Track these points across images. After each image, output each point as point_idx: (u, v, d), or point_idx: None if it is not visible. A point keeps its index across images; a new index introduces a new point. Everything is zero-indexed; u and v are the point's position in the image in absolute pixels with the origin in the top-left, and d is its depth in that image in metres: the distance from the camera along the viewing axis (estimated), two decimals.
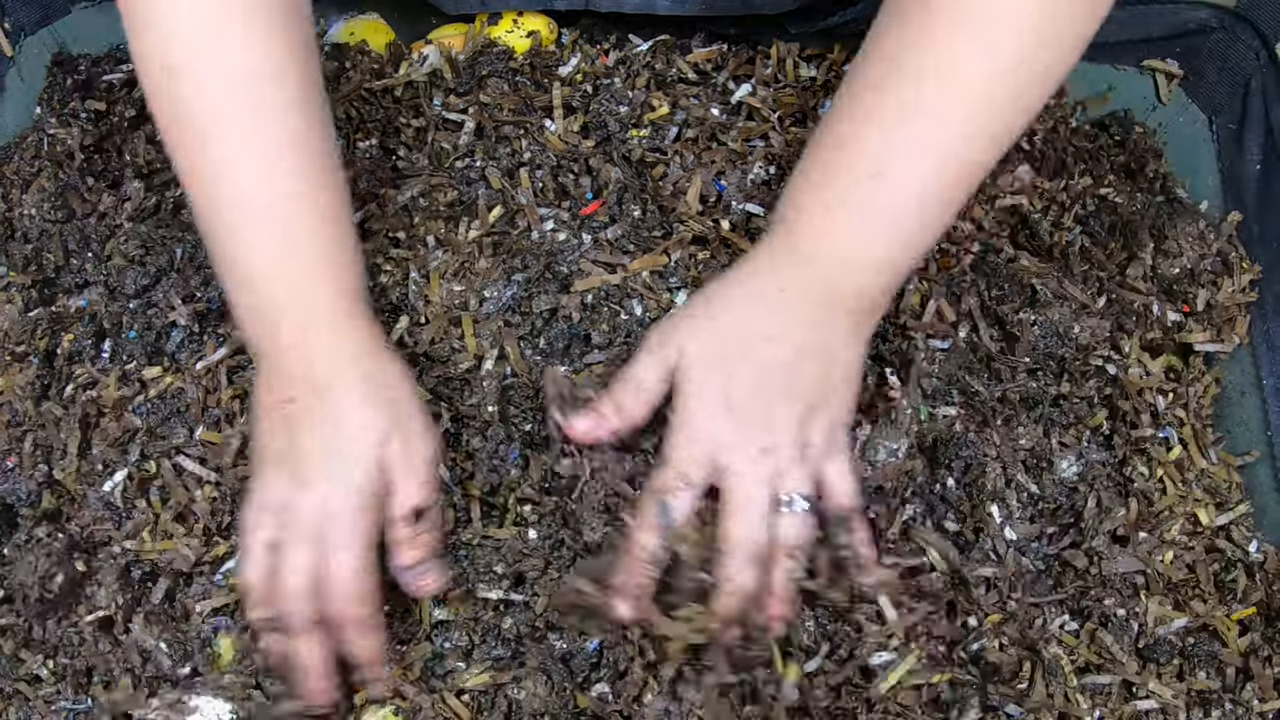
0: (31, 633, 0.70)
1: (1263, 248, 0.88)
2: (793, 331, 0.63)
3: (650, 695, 0.65)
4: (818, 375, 0.63)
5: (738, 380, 0.62)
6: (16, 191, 0.87)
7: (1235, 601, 0.74)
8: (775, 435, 0.62)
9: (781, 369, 0.63)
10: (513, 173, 0.83)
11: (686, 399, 0.63)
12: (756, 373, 0.62)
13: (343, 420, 0.62)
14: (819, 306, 0.64)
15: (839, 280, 0.64)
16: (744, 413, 0.62)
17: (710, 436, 0.62)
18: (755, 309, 0.64)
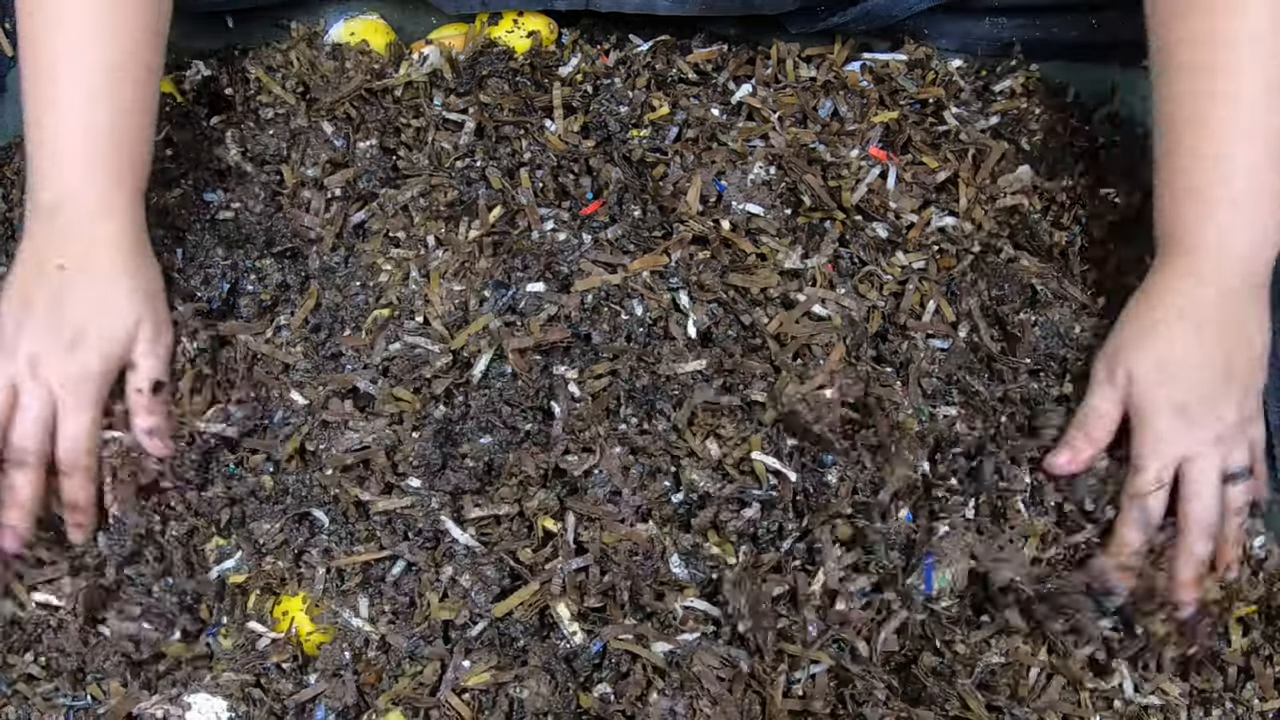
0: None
1: None
2: (1220, 333, 0.72)
3: (654, 695, 0.65)
4: (1244, 360, 0.72)
5: (1184, 388, 0.71)
6: (17, 192, 0.87)
7: (1237, 599, 0.74)
8: (1223, 424, 0.71)
9: (1218, 368, 0.71)
10: (513, 173, 0.83)
11: (1146, 415, 0.72)
12: (1198, 377, 0.71)
13: (109, 298, 0.72)
14: (1232, 302, 0.72)
15: (1240, 270, 0.72)
16: (1196, 413, 0.71)
17: (1173, 441, 0.71)
18: (1183, 324, 0.72)
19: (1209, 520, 0.72)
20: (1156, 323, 0.73)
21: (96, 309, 0.72)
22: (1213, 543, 0.72)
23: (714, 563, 0.69)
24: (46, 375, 0.71)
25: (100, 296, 0.72)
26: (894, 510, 0.72)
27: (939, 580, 0.70)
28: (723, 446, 0.72)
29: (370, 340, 0.76)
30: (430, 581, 0.69)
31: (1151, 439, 0.72)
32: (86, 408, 0.71)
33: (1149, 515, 0.72)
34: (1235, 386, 0.72)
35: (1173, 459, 0.72)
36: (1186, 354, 0.72)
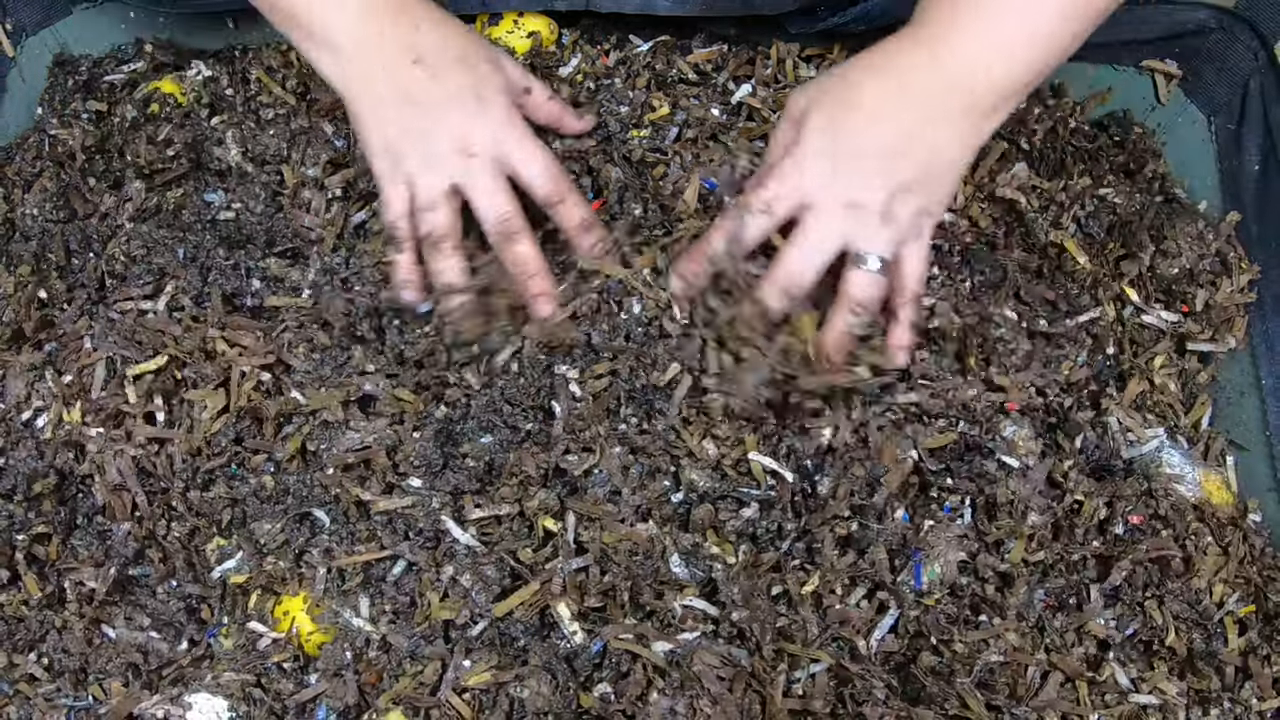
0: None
1: (1261, 248, 0.88)
2: (905, 116, 0.67)
3: (655, 695, 0.65)
4: (920, 162, 0.68)
5: (845, 138, 0.67)
6: (18, 192, 0.87)
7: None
8: (865, 195, 0.67)
9: (888, 146, 0.67)
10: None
11: (801, 139, 0.68)
12: (864, 139, 0.67)
13: (468, 51, 0.72)
14: (937, 101, 0.67)
15: (960, 78, 0.67)
16: (844, 165, 0.67)
17: (807, 176, 0.68)
18: (877, 90, 0.68)
19: (796, 280, 0.69)
20: (864, 68, 0.69)
21: (469, 68, 0.72)
22: (786, 302, 0.69)
23: (713, 562, 0.69)
24: (483, 142, 0.71)
25: (462, 55, 0.72)
26: (890, 511, 0.72)
27: (928, 574, 0.70)
28: (720, 447, 0.72)
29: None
30: (431, 581, 0.69)
31: (790, 162, 0.68)
32: (531, 141, 0.73)
33: (744, 231, 0.68)
34: (897, 178, 0.67)
35: (797, 195, 0.68)
36: (871, 110, 0.67)
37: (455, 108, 0.71)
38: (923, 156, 0.68)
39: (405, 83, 0.71)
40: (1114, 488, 0.76)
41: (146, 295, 0.81)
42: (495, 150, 0.72)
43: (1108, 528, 0.75)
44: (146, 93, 0.92)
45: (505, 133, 0.73)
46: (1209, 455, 0.82)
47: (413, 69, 0.71)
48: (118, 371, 0.77)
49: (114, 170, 0.88)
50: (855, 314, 0.70)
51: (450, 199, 0.72)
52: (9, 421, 0.78)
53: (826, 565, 0.70)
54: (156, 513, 0.74)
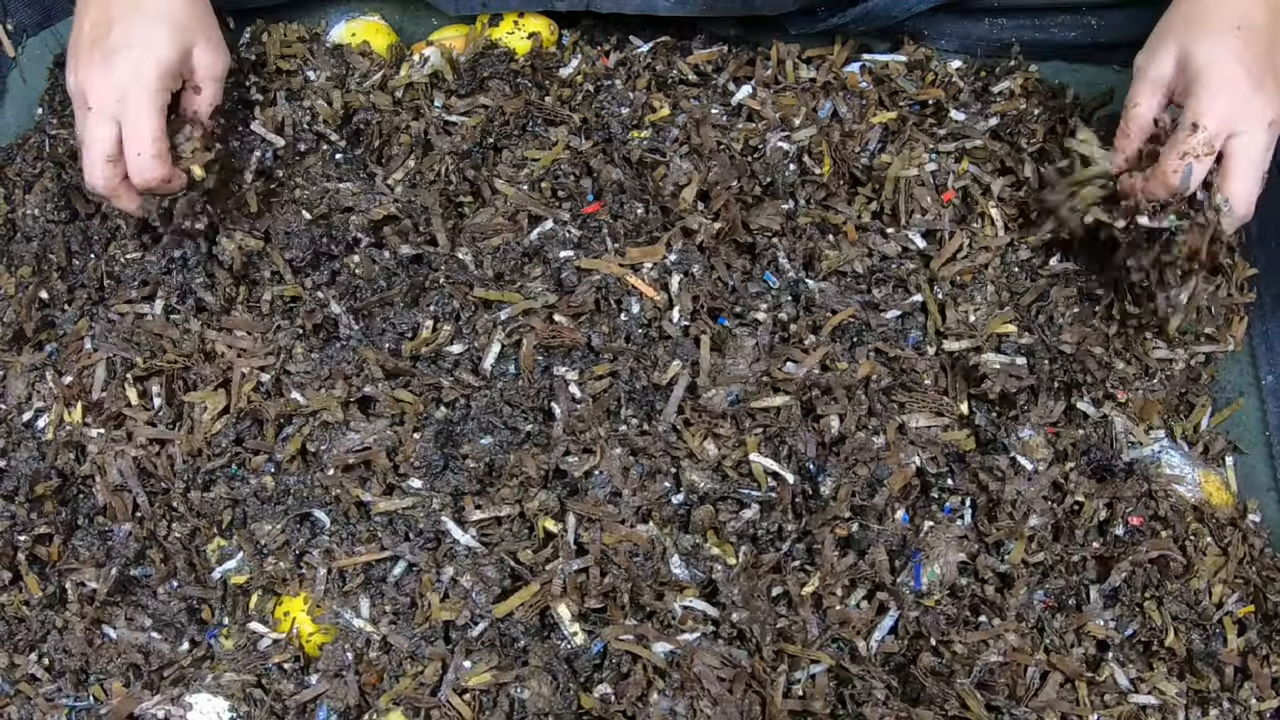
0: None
1: (1260, 248, 0.88)
2: (1270, 15, 0.73)
3: (655, 695, 0.65)
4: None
5: (1244, 64, 0.72)
6: (19, 192, 0.88)
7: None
8: (1272, 110, 0.72)
9: (1274, 51, 0.72)
10: (514, 175, 0.83)
11: (1204, 78, 0.73)
12: (1256, 58, 0.72)
13: (160, 12, 0.76)
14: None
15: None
16: (1259, 88, 0.72)
17: (1230, 105, 0.72)
18: (1236, 11, 0.73)
19: (1249, 202, 0.74)
20: (1215, 5, 0.73)
21: (141, 36, 0.75)
22: (1239, 224, 0.75)
23: (714, 563, 0.69)
24: (100, 96, 0.74)
25: (146, 30, 0.75)
26: (890, 512, 0.72)
27: (927, 575, 0.70)
28: (720, 448, 0.73)
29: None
30: (431, 582, 0.69)
31: (1216, 97, 0.72)
32: (144, 116, 0.75)
33: (1188, 180, 0.73)
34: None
35: (1230, 127, 0.73)
36: (1251, 24, 0.72)
37: (98, 61, 0.75)
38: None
39: (95, 19, 0.76)
40: (1114, 489, 0.76)
41: (146, 297, 0.81)
42: (112, 111, 0.75)
43: (1108, 529, 0.75)
44: None
45: (122, 98, 0.75)
46: (1209, 456, 0.82)
47: (106, 10, 0.76)
48: (118, 372, 0.77)
49: None
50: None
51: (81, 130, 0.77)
52: (10, 422, 0.78)
53: (827, 566, 0.70)
54: (157, 513, 0.74)
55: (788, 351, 0.76)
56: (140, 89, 0.75)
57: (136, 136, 0.75)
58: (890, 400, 0.76)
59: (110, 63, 0.75)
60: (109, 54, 0.75)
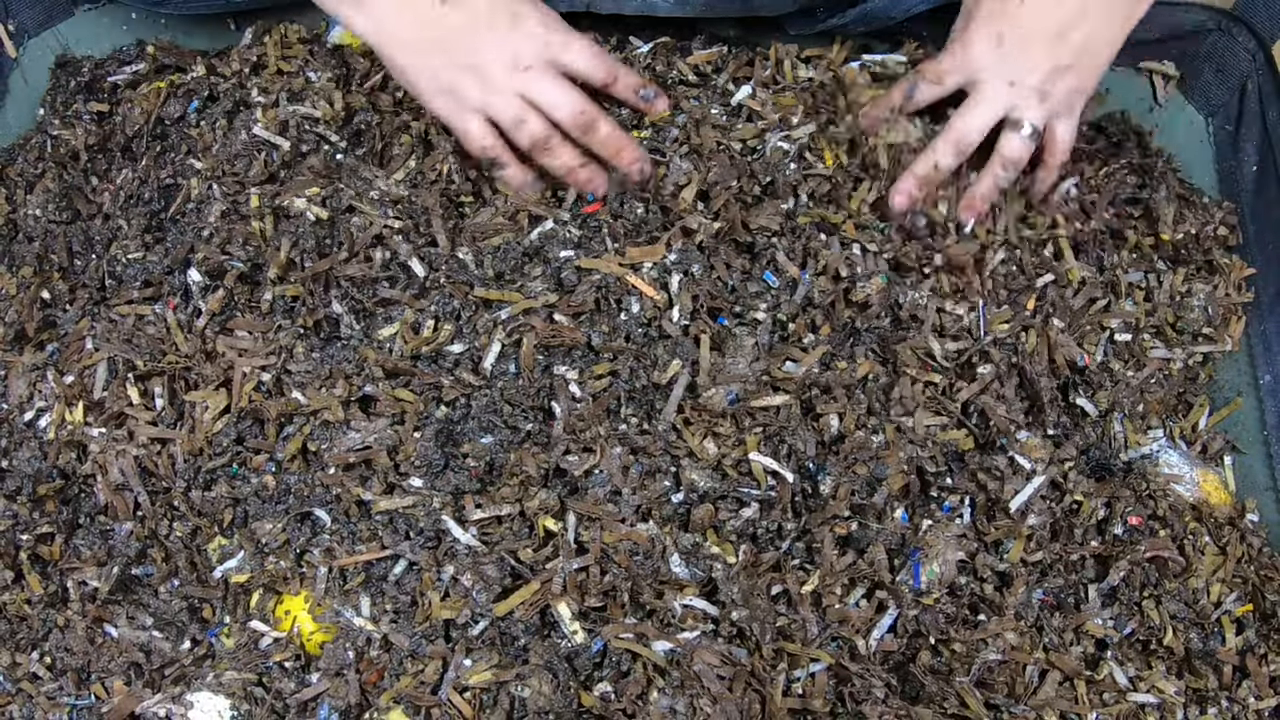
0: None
1: (1259, 248, 0.88)
2: (1063, 4, 0.76)
3: (655, 694, 0.65)
4: (1079, 44, 0.77)
5: (1013, 26, 0.77)
6: (21, 192, 0.88)
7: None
8: (1026, 76, 0.78)
9: (1050, 31, 0.77)
10: None
11: (970, 26, 0.79)
12: (1028, 25, 0.77)
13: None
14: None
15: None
16: (1009, 50, 0.78)
17: (975, 57, 0.79)
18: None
19: (964, 139, 0.80)
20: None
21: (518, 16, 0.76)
22: (953, 163, 0.80)
23: (713, 562, 0.70)
24: (532, 53, 0.76)
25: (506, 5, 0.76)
26: (889, 511, 0.72)
27: (926, 574, 0.70)
28: (720, 446, 0.73)
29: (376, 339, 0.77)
30: (432, 581, 0.69)
31: (961, 45, 0.79)
32: (573, 37, 0.78)
33: (914, 94, 0.81)
34: (1056, 59, 0.77)
35: (965, 71, 0.79)
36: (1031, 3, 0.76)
37: (492, 31, 0.75)
38: (1081, 39, 0.77)
39: (435, 23, 0.74)
40: (1113, 488, 0.76)
41: (147, 298, 0.81)
42: (545, 55, 0.77)
43: (1106, 528, 0.75)
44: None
45: (547, 37, 0.77)
46: (1207, 455, 0.83)
47: (439, 8, 0.74)
48: (119, 372, 0.77)
49: (116, 170, 0.88)
50: (1004, 170, 0.81)
51: (531, 107, 0.77)
52: (11, 422, 0.78)
53: (826, 565, 0.70)
54: (158, 512, 0.74)
55: (787, 351, 0.76)
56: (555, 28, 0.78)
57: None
58: (889, 399, 0.76)
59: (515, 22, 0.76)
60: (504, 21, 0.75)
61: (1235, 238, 0.89)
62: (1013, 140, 0.80)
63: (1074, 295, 0.83)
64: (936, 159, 0.80)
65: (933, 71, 0.80)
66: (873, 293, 0.79)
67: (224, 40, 0.97)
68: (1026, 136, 0.79)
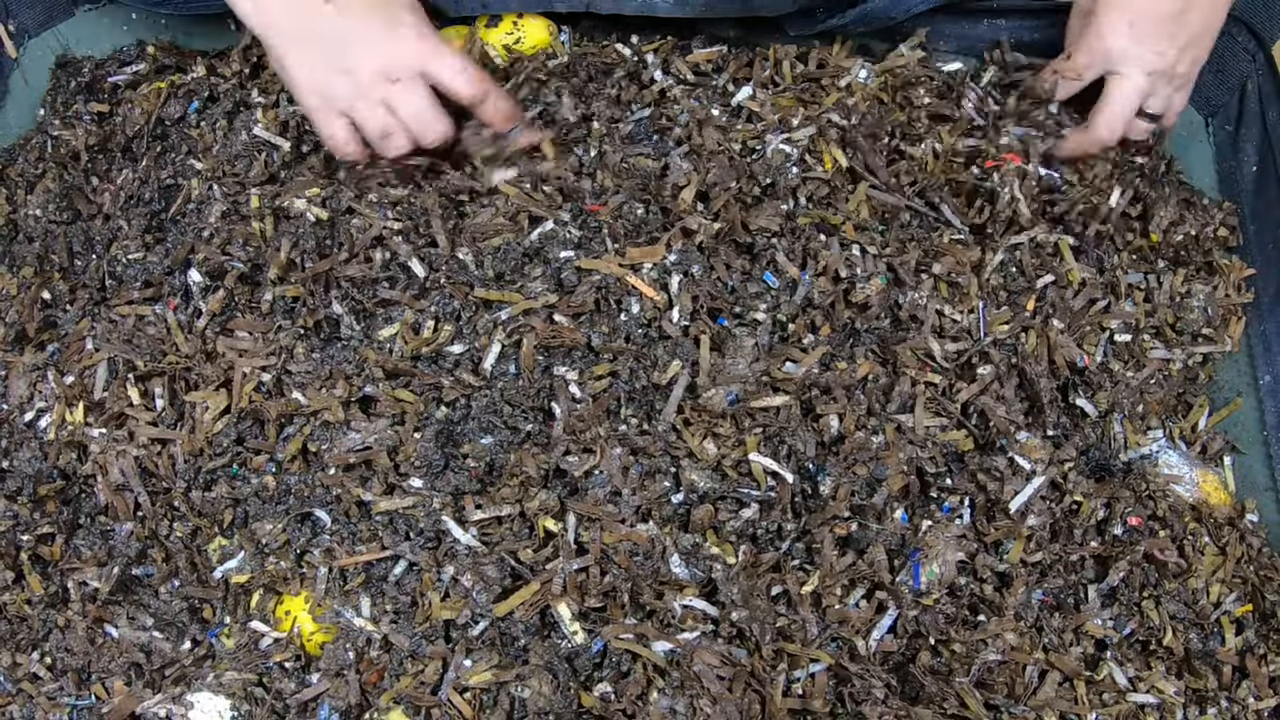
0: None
1: (1258, 248, 0.88)
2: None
3: (655, 694, 0.65)
4: (1202, 20, 0.82)
5: (1139, 15, 0.81)
6: (21, 193, 0.88)
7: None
8: (1160, 62, 0.83)
9: (1174, 14, 0.81)
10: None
11: (1098, 18, 0.83)
12: (1155, 14, 0.81)
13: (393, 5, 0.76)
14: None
15: None
16: (1143, 39, 0.82)
17: (1111, 47, 0.83)
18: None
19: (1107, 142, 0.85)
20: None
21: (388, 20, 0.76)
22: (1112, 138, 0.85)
23: (713, 562, 0.70)
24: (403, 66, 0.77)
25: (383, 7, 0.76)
26: (889, 511, 0.72)
27: (926, 574, 0.70)
28: (720, 447, 0.73)
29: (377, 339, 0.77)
30: (432, 581, 0.69)
31: (1094, 36, 0.83)
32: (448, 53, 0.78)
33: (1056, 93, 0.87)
34: (1183, 39, 0.82)
35: (1103, 61, 0.84)
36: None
37: (369, 38, 0.76)
38: (1198, 16, 0.81)
39: (314, 16, 0.75)
40: (1112, 489, 0.76)
41: (148, 298, 0.81)
42: (417, 68, 0.77)
43: (1106, 528, 0.75)
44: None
45: (420, 49, 0.77)
46: (1207, 456, 0.83)
47: (323, 7, 0.74)
48: (120, 372, 0.78)
49: (117, 171, 0.89)
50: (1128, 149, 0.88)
51: (394, 116, 0.79)
52: (12, 422, 0.78)
53: (826, 565, 0.70)
54: (159, 513, 0.74)
55: (787, 351, 0.76)
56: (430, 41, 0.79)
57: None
58: (889, 400, 0.76)
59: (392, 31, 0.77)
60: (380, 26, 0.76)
61: (1235, 238, 0.89)
62: (1141, 126, 0.86)
63: (1074, 296, 0.83)
64: (1099, 136, 0.85)
65: (1072, 69, 0.85)
66: (872, 293, 0.79)
67: (224, 40, 0.97)
68: (1154, 123, 0.86)
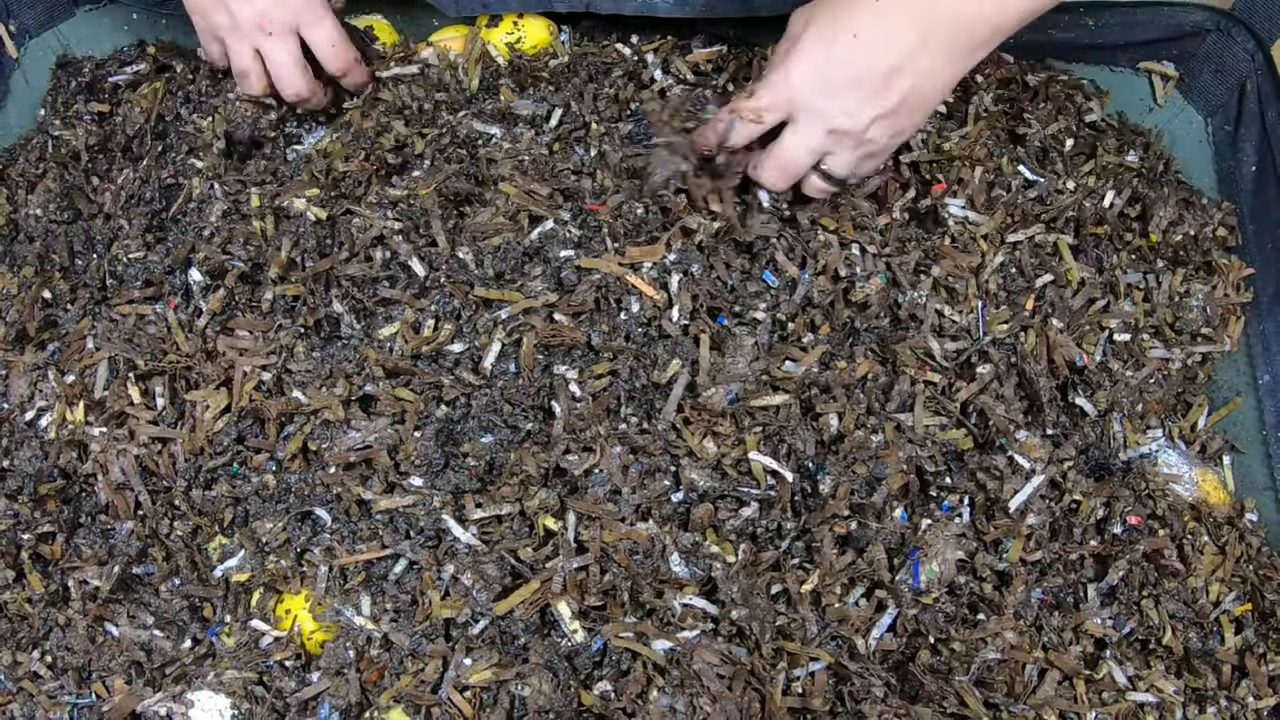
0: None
1: (1258, 248, 0.89)
2: (899, 45, 0.70)
3: (654, 693, 0.65)
4: (906, 90, 0.71)
5: (839, 65, 0.70)
6: (22, 193, 0.88)
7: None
8: (848, 124, 0.73)
9: (878, 75, 0.70)
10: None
11: (794, 56, 0.72)
12: (856, 67, 0.70)
13: None
14: (934, 32, 0.69)
15: (961, 12, 0.69)
16: (834, 94, 0.71)
17: (798, 93, 0.72)
18: (875, 18, 0.69)
19: (787, 168, 0.76)
20: (854, 6, 0.70)
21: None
22: (782, 183, 0.78)
23: (713, 561, 0.70)
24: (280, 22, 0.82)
25: None
26: (889, 510, 0.72)
27: (926, 573, 0.71)
28: (720, 446, 0.73)
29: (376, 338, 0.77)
30: (432, 580, 0.70)
31: (784, 76, 0.72)
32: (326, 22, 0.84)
33: (732, 133, 0.75)
34: (882, 107, 0.71)
35: (786, 108, 0.73)
36: (867, 39, 0.69)
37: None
38: (909, 85, 0.71)
39: None
40: (1112, 488, 0.76)
41: (148, 297, 0.81)
42: (292, 24, 0.83)
43: (1105, 527, 0.75)
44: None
45: (300, 10, 0.83)
46: (1206, 455, 0.83)
47: None
48: (120, 371, 0.78)
49: (117, 171, 0.89)
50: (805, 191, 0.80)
51: (258, 62, 0.85)
52: (13, 422, 0.78)
53: (825, 564, 0.70)
54: (159, 512, 0.74)
55: (786, 350, 0.76)
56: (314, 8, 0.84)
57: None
58: (888, 399, 0.76)
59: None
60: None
61: (1234, 238, 0.89)
62: (818, 183, 0.78)
63: (1073, 295, 0.83)
64: (764, 179, 0.78)
65: (753, 110, 0.74)
66: (872, 293, 0.79)
67: None
68: (834, 184, 0.78)
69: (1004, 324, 0.80)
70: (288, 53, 0.84)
